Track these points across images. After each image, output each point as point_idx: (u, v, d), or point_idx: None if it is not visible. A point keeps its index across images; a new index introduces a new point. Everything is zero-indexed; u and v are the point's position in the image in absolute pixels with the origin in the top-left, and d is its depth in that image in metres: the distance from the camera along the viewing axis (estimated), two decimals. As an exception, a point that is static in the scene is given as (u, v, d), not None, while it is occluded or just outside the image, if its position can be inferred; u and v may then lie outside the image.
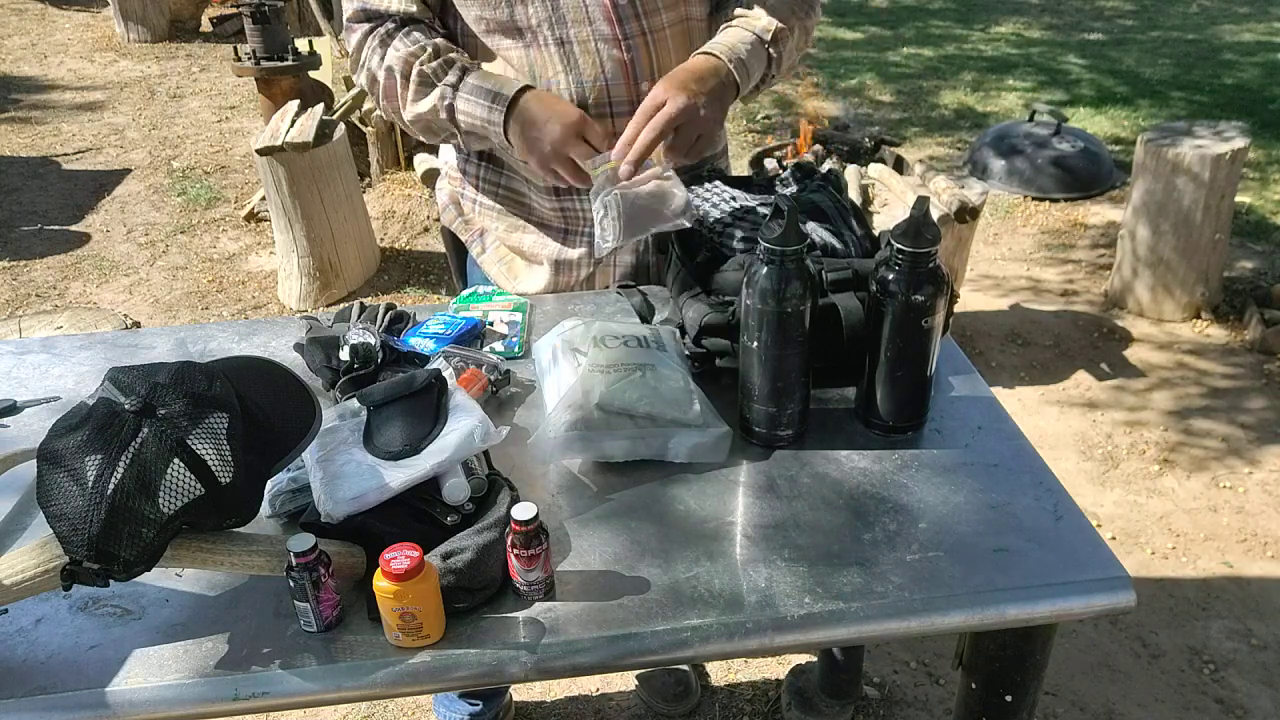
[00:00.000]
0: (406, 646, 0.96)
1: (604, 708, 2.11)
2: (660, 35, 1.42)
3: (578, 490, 1.17)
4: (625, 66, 1.40)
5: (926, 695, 2.13)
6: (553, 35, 1.37)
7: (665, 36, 1.42)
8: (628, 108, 1.42)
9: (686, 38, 1.45)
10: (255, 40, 4.44)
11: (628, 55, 1.39)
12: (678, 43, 1.44)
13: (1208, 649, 2.23)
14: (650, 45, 1.41)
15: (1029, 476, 1.17)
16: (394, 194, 4.49)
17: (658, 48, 1.42)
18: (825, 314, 1.21)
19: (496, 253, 1.63)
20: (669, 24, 1.42)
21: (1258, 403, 3.08)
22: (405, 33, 1.41)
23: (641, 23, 1.39)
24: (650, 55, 1.41)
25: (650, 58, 1.41)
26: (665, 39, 1.42)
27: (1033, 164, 4.46)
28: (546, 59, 1.39)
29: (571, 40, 1.38)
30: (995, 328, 3.51)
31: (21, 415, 1.34)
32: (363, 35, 1.43)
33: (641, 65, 1.41)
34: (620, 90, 1.41)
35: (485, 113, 1.36)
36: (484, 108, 1.36)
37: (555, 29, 1.37)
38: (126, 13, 7.06)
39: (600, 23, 1.37)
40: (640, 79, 1.41)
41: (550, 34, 1.37)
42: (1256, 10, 7.65)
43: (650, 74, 1.42)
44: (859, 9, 7.96)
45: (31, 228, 4.43)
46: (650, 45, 1.41)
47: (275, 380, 1.06)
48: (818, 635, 1.00)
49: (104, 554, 0.89)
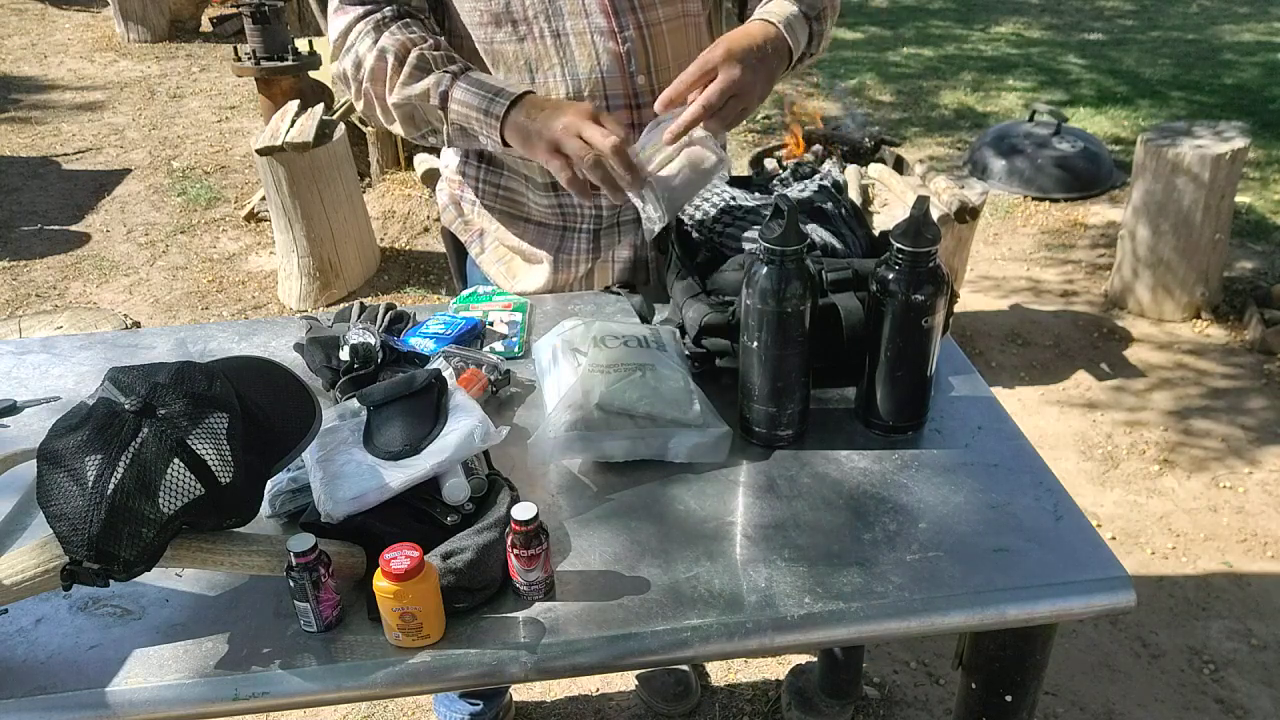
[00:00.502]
0: (406, 646, 0.96)
1: (604, 708, 2.11)
2: (657, 29, 1.41)
3: (578, 490, 1.17)
4: (620, 60, 1.39)
5: (926, 695, 2.13)
6: (549, 27, 1.37)
7: (662, 31, 1.41)
8: (623, 101, 1.42)
9: (684, 33, 1.45)
10: (255, 40, 4.44)
11: (623, 48, 1.39)
12: (675, 37, 1.43)
13: (1208, 649, 2.23)
14: (647, 39, 1.40)
15: (1029, 476, 1.17)
16: (394, 194, 4.49)
17: (654, 42, 1.41)
18: (825, 314, 1.21)
19: (495, 253, 1.62)
20: (666, 19, 1.41)
21: (1258, 403, 3.08)
22: (404, 23, 1.38)
23: (638, 16, 1.38)
24: (646, 49, 1.41)
25: (646, 52, 1.41)
26: (662, 33, 1.42)
27: (1033, 164, 4.46)
28: (542, 51, 1.38)
29: (567, 33, 1.37)
30: (995, 328, 3.51)
31: (21, 415, 1.34)
32: (354, 18, 1.37)
33: (637, 59, 1.40)
34: (616, 84, 1.41)
35: (485, 104, 1.31)
36: (484, 99, 1.31)
37: (551, 21, 1.37)
38: (126, 13, 7.06)
39: (596, 15, 1.37)
40: (636, 73, 1.41)
41: (546, 26, 1.37)
42: (1256, 10, 7.65)
43: (646, 68, 1.41)
44: (859, 9, 7.96)
45: (31, 228, 4.43)
46: (647, 39, 1.40)
47: (275, 380, 1.06)
48: (818, 635, 1.00)
49: (104, 554, 0.89)
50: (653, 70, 1.42)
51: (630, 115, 1.43)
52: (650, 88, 1.42)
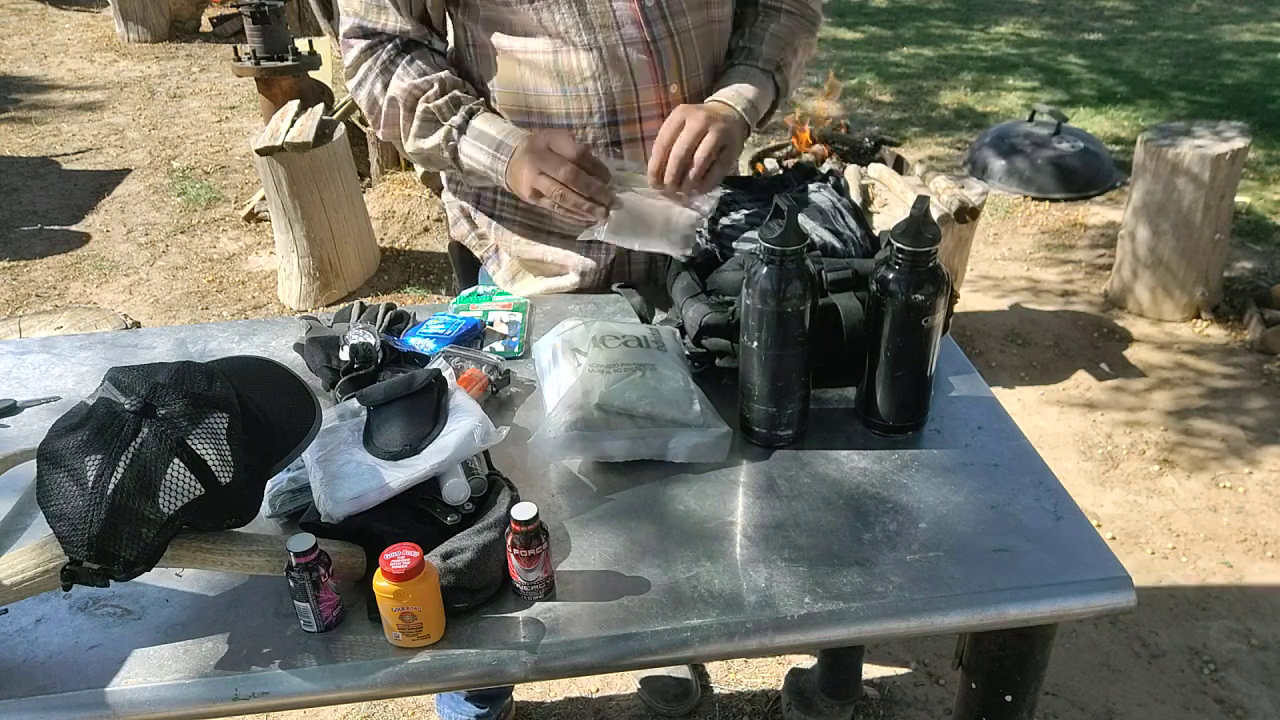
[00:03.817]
0: (406, 646, 0.96)
1: (604, 708, 2.11)
2: (686, 36, 1.41)
3: (578, 490, 1.17)
4: (654, 70, 1.40)
5: (926, 695, 2.13)
6: (581, 41, 1.36)
7: (691, 38, 1.42)
8: (656, 111, 1.42)
9: (711, 39, 1.45)
10: (255, 40, 4.44)
11: (655, 59, 1.39)
12: (703, 44, 1.44)
13: (1208, 649, 2.23)
14: (677, 47, 1.40)
15: (1029, 476, 1.17)
16: (394, 194, 4.49)
17: (684, 49, 1.41)
18: (825, 314, 1.21)
19: (512, 267, 1.61)
20: (694, 25, 1.41)
21: (1257, 403, 3.08)
22: (408, 60, 1.41)
23: (669, 24, 1.38)
24: (678, 57, 1.41)
25: (678, 60, 1.41)
26: (691, 40, 1.42)
27: (1033, 164, 4.46)
28: (575, 64, 1.38)
29: (601, 45, 1.36)
30: (995, 328, 3.51)
31: (21, 415, 1.34)
32: (360, 53, 1.42)
33: (670, 67, 1.41)
34: (649, 94, 1.41)
35: (489, 160, 1.39)
36: (488, 155, 1.39)
37: (584, 34, 1.36)
38: (126, 13, 7.06)
39: (629, 27, 1.36)
40: (669, 81, 1.41)
41: (580, 40, 1.36)
42: (1256, 10, 7.65)
43: (678, 76, 1.42)
44: (859, 9, 7.96)
45: (31, 228, 4.43)
46: (677, 47, 1.40)
47: (275, 380, 1.06)
48: (818, 635, 1.00)
49: (104, 554, 0.89)
50: (684, 78, 1.43)
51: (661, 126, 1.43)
52: (683, 96, 1.44)
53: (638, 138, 1.44)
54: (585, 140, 1.42)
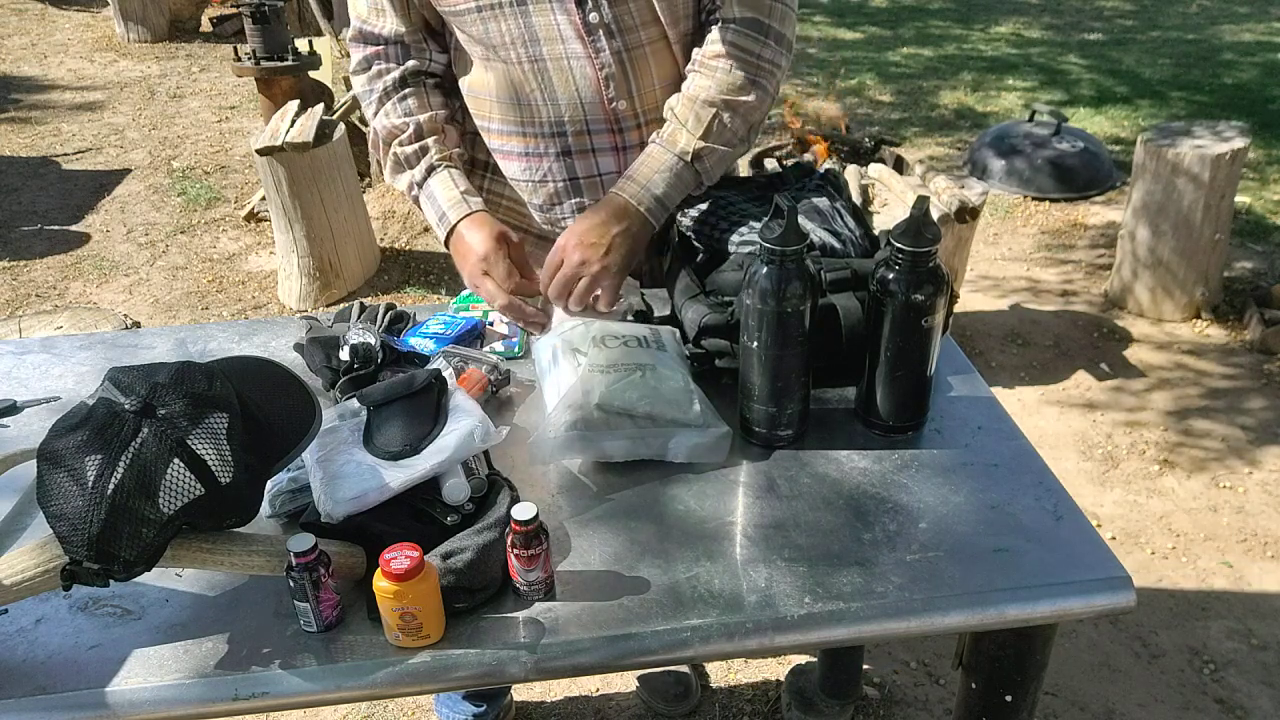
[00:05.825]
0: (406, 646, 0.96)
1: (604, 708, 2.11)
2: (639, 53, 1.37)
3: (578, 490, 1.17)
4: (598, 86, 1.37)
5: (926, 695, 2.13)
6: (526, 54, 1.35)
7: (645, 54, 1.38)
8: (605, 126, 1.41)
9: (669, 55, 1.40)
10: (255, 40, 4.43)
11: (602, 74, 1.36)
12: (659, 59, 1.40)
13: (1208, 649, 2.23)
14: (627, 64, 1.37)
15: (1029, 476, 1.17)
16: (394, 194, 4.49)
17: (636, 66, 1.38)
18: (825, 314, 1.21)
19: None
20: (648, 41, 1.37)
21: (1257, 403, 3.08)
22: (400, 97, 1.44)
23: (616, 41, 1.35)
24: (627, 74, 1.38)
25: (627, 77, 1.38)
26: (645, 56, 1.38)
27: (1032, 164, 4.46)
28: (522, 77, 1.38)
29: (544, 59, 1.35)
30: (995, 328, 3.51)
31: (21, 415, 1.34)
32: (361, 63, 1.45)
33: (617, 85, 1.38)
34: (596, 110, 1.39)
35: (435, 223, 1.43)
36: (434, 219, 1.44)
37: (529, 47, 1.35)
38: (126, 13, 7.06)
39: (572, 41, 1.34)
40: (617, 98, 1.39)
41: (524, 52, 1.35)
42: (1256, 10, 7.65)
43: (628, 93, 1.39)
44: (859, 9, 7.97)
45: (31, 228, 4.43)
46: (627, 64, 1.37)
47: (275, 380, 1.06)
48: (818, 635, 1.00)
49: (104, 554, 0.89)
50: (635, 94, 1.40)
51: (613, 139, 1.43)
52: (633, 112, 1.41)
53: (588, 149, 1.43)
54: (538, 151, 1.44)
